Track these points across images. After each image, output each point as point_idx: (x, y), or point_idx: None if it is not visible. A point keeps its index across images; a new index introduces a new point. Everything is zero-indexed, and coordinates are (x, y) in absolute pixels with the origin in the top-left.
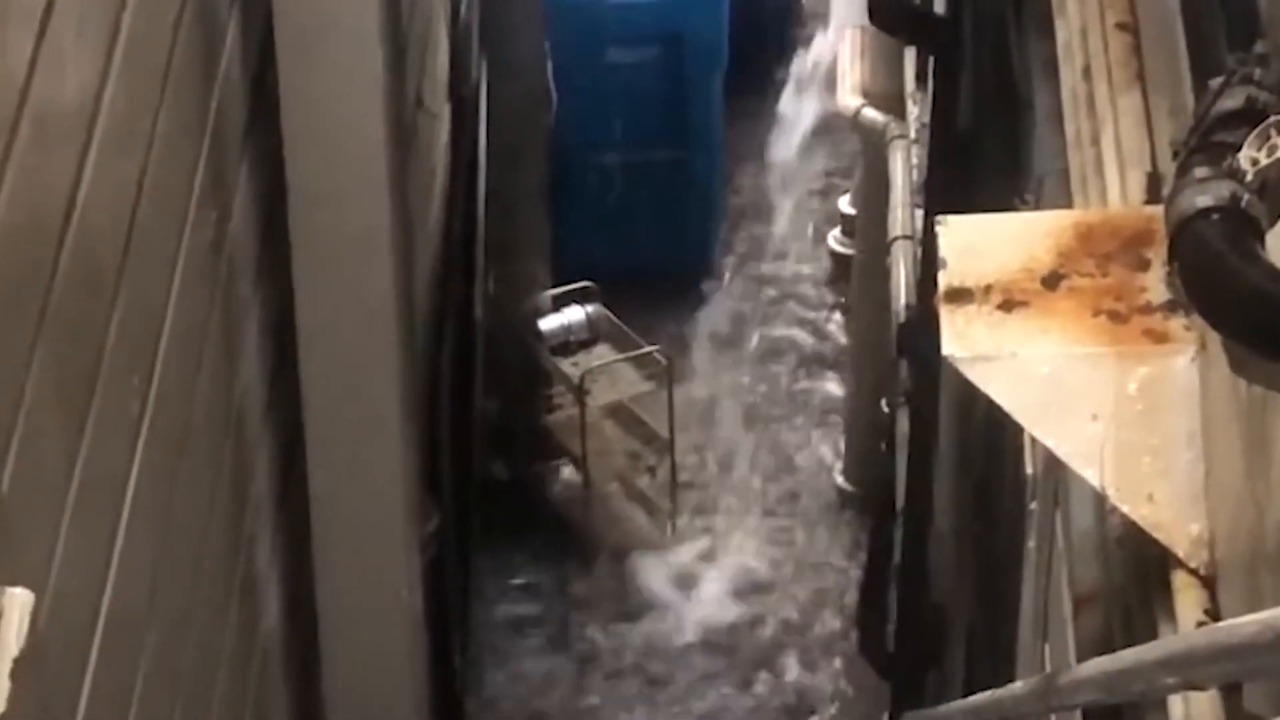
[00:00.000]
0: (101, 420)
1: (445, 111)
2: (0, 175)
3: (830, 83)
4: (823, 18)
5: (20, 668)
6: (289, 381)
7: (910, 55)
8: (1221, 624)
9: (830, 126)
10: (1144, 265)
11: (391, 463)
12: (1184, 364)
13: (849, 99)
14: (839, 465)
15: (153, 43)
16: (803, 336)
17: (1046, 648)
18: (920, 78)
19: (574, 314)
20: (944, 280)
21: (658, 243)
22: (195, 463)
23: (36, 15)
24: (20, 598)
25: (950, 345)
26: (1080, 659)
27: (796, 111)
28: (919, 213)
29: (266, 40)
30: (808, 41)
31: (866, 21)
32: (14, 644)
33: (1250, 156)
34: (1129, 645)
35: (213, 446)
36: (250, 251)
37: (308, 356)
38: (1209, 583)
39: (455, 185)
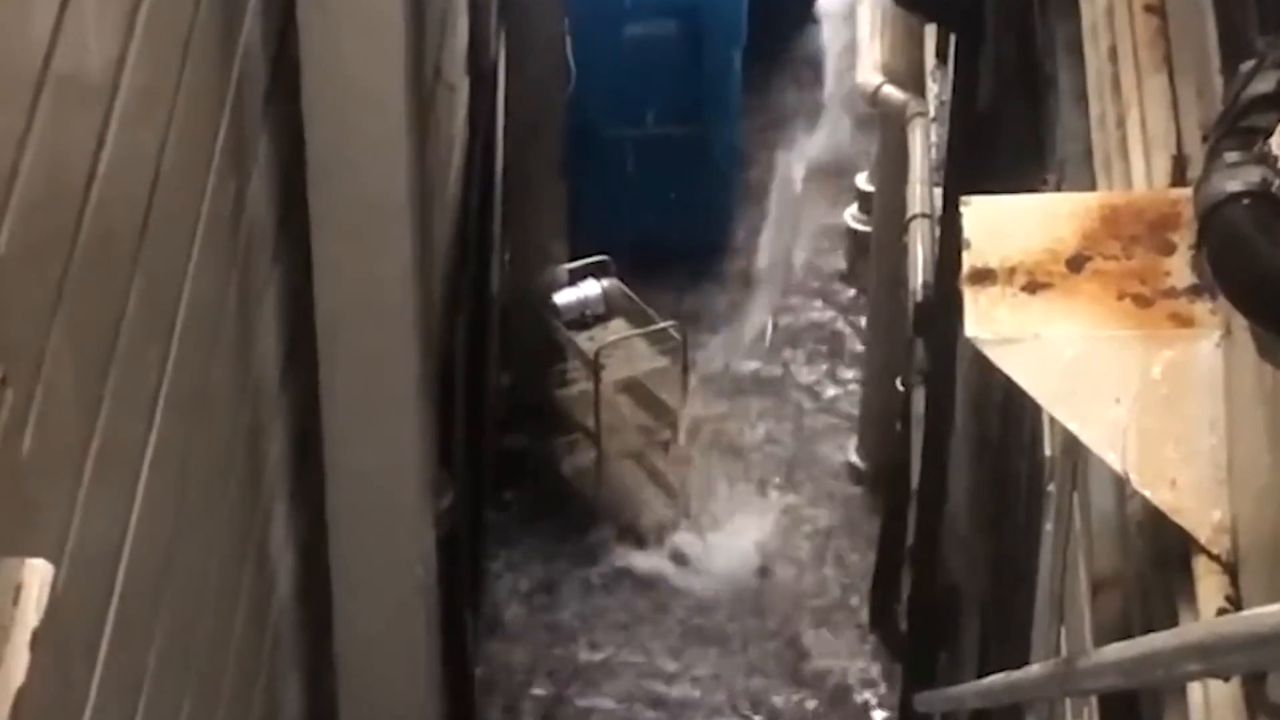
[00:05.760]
0: (119, 391)
1: (464, 84)
2: (21, 144)
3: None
4: None
5: (39, 639)
6: (306, 354)
7: (931, 32)
8: (1246, 613)
9: (848, 102)
10: (1169, 249)
11: (407, 437)
12: (1209, 348)
13: (869, 75)
14: (853, 442)
15: (174, 12)
16: (818, 312)
17: (1063, 631)
18: (941, 55)
19: (589, 288)
20: (968, 261)
21: (674, 217)
22: (212, 435)
23: None
24: (40, 569)
25: (973, 326)
26: (1098, 643)
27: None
28: (937, 191)
29: (287, 10)
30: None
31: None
32: (33, 616)
33: None
34: (1148, 631)
35: (229, 419)
36: (269, 222)
37: (325, 328)
38: (1231, 569)
39: (473, 158)
